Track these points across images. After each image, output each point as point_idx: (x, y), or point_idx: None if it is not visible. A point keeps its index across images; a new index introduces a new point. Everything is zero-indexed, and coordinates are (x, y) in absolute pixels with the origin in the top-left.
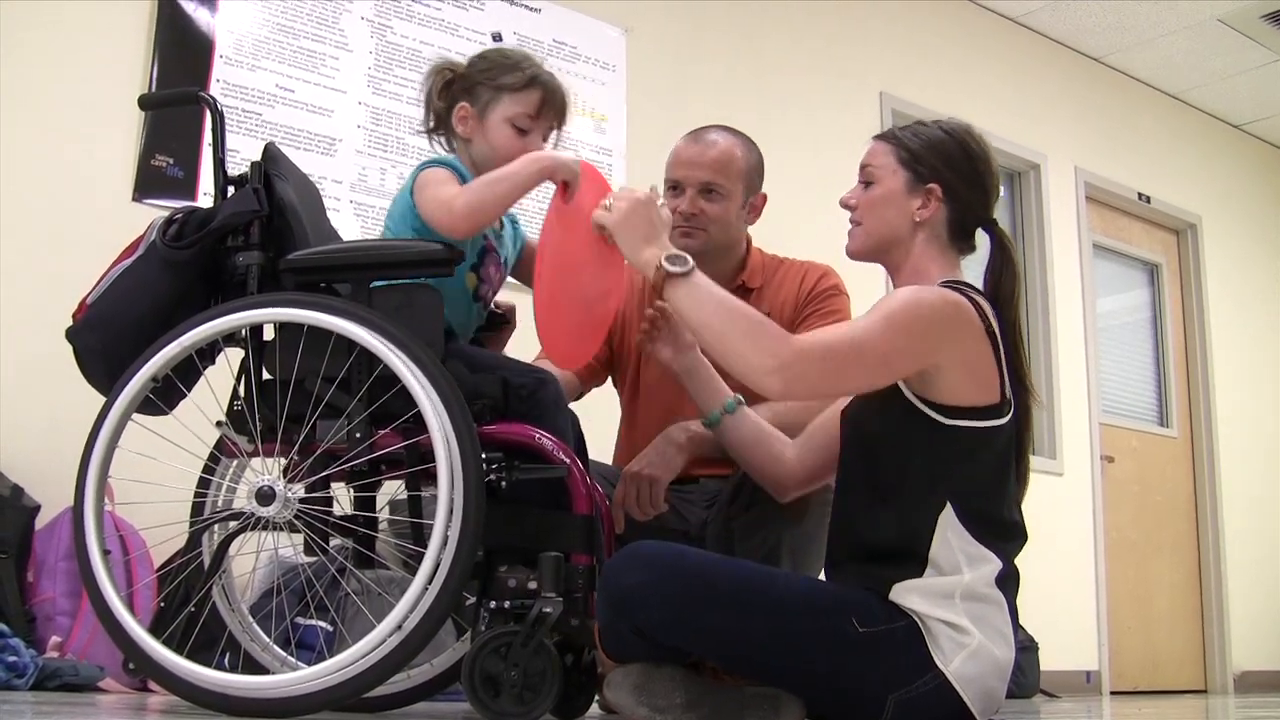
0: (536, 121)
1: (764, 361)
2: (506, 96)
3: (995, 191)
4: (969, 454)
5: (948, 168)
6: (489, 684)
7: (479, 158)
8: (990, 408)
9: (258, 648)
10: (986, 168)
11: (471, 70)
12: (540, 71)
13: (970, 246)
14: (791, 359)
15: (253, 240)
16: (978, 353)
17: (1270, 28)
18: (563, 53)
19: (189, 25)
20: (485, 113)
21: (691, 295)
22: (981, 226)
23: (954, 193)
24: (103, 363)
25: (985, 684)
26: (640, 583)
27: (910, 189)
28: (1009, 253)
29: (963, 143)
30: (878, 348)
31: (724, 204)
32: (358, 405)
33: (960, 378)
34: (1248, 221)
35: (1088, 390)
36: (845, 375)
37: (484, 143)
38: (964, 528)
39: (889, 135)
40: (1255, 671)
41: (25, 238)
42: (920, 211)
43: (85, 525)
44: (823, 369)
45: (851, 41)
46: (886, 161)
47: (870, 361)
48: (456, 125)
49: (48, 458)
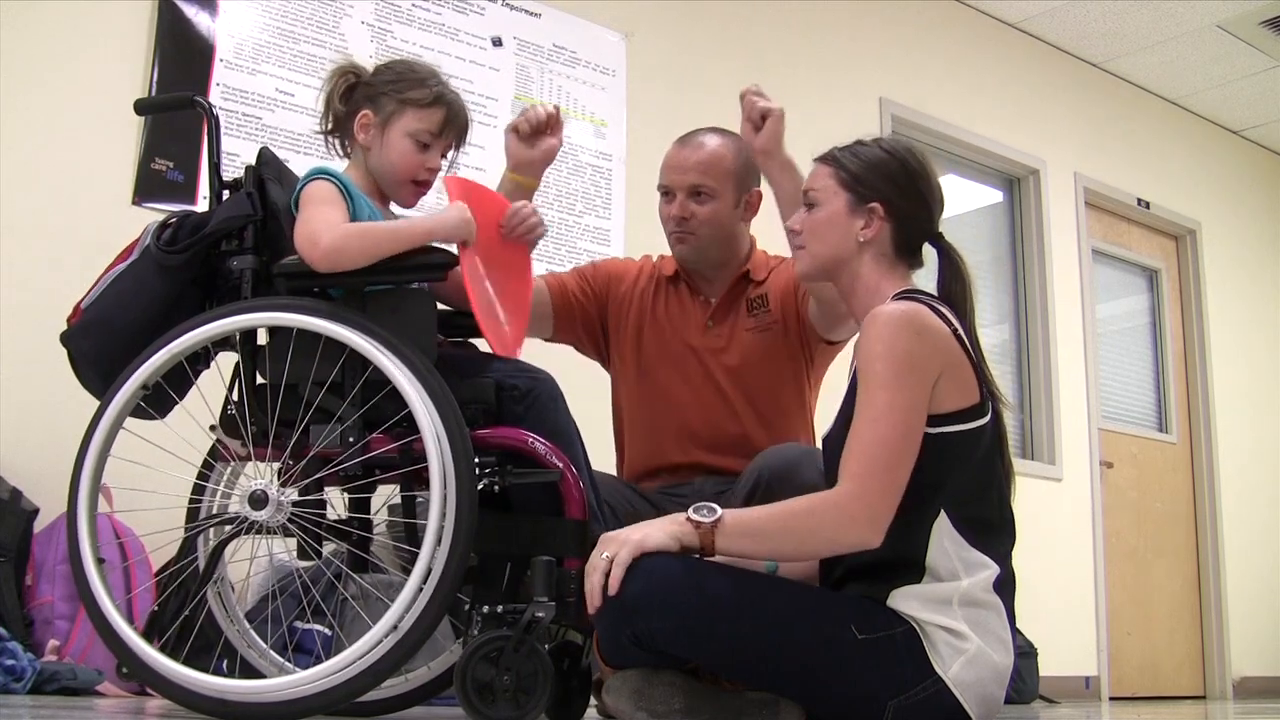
0: (437, 139)
1: (839, 526)
2: (410, 111)
3: (939, 206)
4: (957, 459)
5: (889, 186)
6: (482, 690)
7: (375, 166)
8: (972, 409)
9: (254, 653)
10: (927, 184)
11: (377, 79)
12: (446, 90)
13: (918, 262)
14: (854, 504)
15: (246, 245)
16: (954, 359)
17: (1269, 34)
18: (563, 57)
19: (189, 29)
20: (387, 124)
21: (739, 529)
22: (928, 241)
23: (897, 210)
24: (97, 367)
25: (984, 689)
26: (639, 591)
27: (852, 209)
28: (958, 265)
29: (903, 160)
30: (898, 423)
31: (714, 204)
32: (351, 409)
33: (945, 385)
34: (1247, 227)
35: (1087, 396)
36: (898, 467)
37: (382, 153)
38: (959, 535)
39: (829, 157)
40: (1254, 677)
41: (25, 241)
42: (864, 231)
43: (79, 531)
44: (883, 484)
45: (851, 47)
46: (828, 184)
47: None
48: (357, 132)
49: (47, 461)
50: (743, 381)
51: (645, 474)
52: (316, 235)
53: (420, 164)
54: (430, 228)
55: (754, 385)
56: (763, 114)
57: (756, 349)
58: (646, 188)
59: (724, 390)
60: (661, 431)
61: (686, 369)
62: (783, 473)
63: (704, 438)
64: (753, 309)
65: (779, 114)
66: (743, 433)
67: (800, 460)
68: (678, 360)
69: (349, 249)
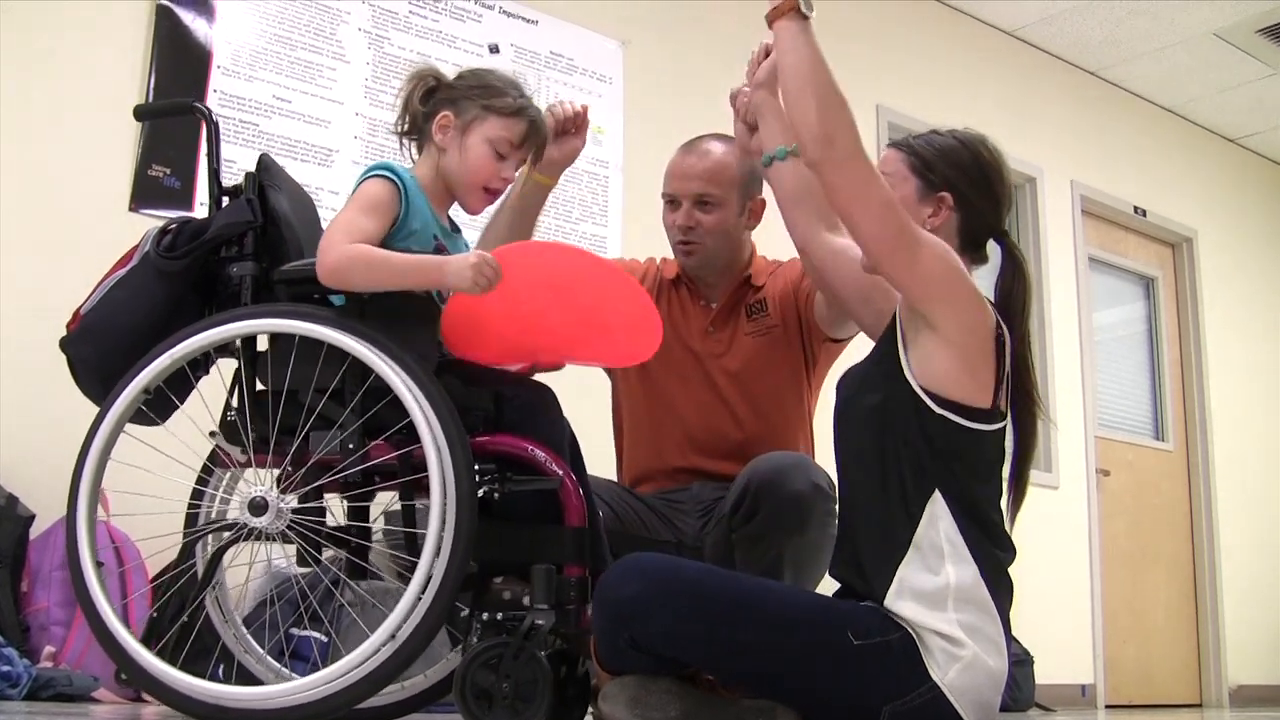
0: (515, 150)
1: (820, 127)
2: (494, 118)
3: (1007, 202)
4: (956, 452)
5: (959, 176)
6: (481, 697)
7: (448, 168)
8: (979, 411)
9: (251, 659)
10: (999, 176)
11: (461, 83)
12: (530, 103)
13: (982, 257)
14: (843, 140)
15: (246, 251)
16: (978, 346)
17: (1266, 42)
18: (560, 65)
19: (187, 36)
20: (468, 128)
21: (801, 36)
22: (993, 237)
23: (965, 201)
24: (96, 373)
25: (980, 695)
26: (636, 594)
27: (921, 196)
28: (1020, 265)
29: (975, 151)
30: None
31: (720, 213)
32: (351, 416)
33: (954, 364)
34: (1244, 235)
35: (1083, 403)
36: (868, 191)
37: (458, 156)
38: (953, 519)
39: (902, 143)
40: (1250, 686)
41: (23, 247)
42: (931, 219)
43: (78, 537)
44: (855, 170)
45: (848, 54)
46: (898, 169)
47: (889, 223)
48: (435, 133)
49: (43, 467)
50: (743, 385)
51: (644, 476)
52: (329, 247)
53: (495, 172)
54: (439, 277)
55: (754, 389)
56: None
57: (756, 353)
58: (644, 195)
59: (724, 394)
60: (661, 434)
61: (687, 372)
62: (771, 481)
63: (703, 441)
64: (752, 313)
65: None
66: (742, 436)
67: (790, 469)
68: (678, 363)
69: (352, 274)
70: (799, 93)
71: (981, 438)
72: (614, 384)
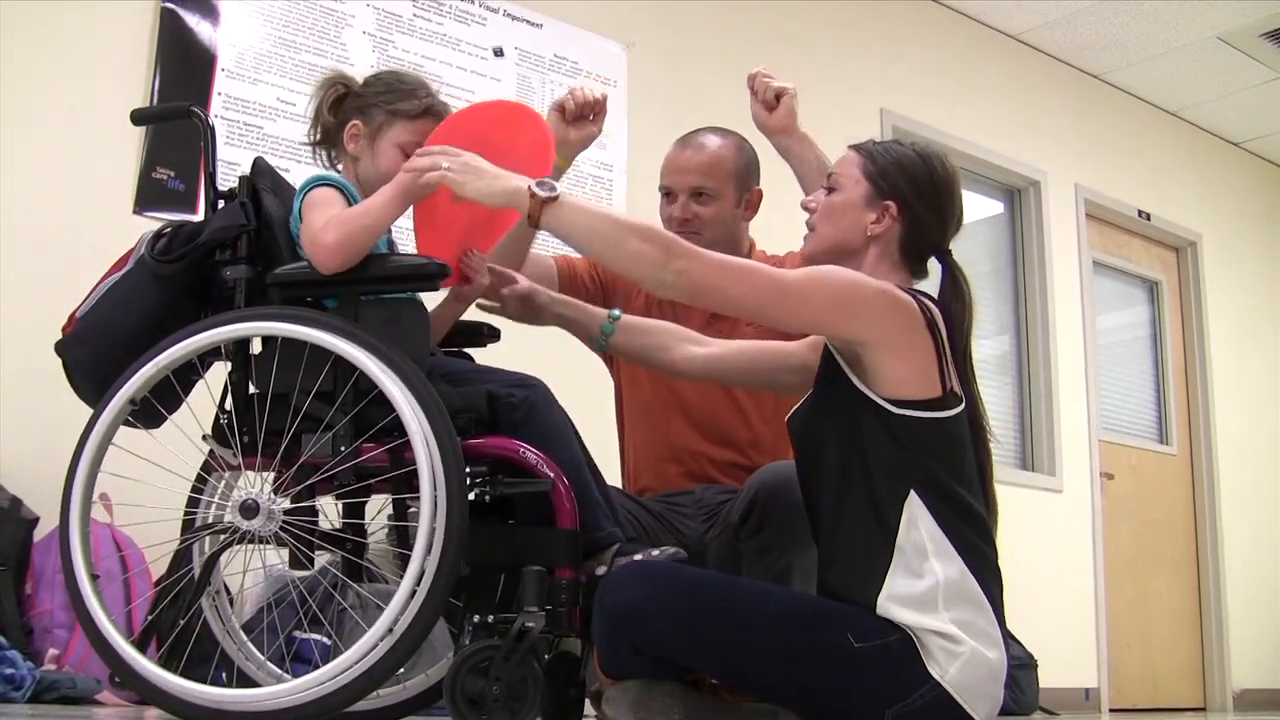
0: None
1: (653, 257)
2: (400, 122)
3: (954, 222)
4: (925, 445)
5: (909, 187)
6: (472, 702)
7: (364, 177)
8: (934, 401)
9: (251, 665)
10: (949, 195)
11: (367, 90)
12: (435, 102)
13: (923, 271)
14: (671, 247)
15: (240, 254)
16: (912, 341)
17: (1270, 46)
18: (564, 68)
19: (191, 38)
20: (377, 135)
21: (573, 212)
22: (935, 254)
23: (911, 212)
24: (91, 376)
25: (983, 689)
26: (638, 599)
27: (868, 201)
28: (960, 285)
29: (930, 166)
30: (776, 279)
31: (716, 205)
32: (340, 417)
33: (896, 365)
34: (1248, 239)
35: (1087, 407)
36: (722, 265)
37: (371, 163)
38: (931, 515)
39: (862, 147)
40: (1254, 690)
41: (26, 250)
42: (874, 225)
43: (72, 544)
44: (700, 258)
45: (852, 58)
46: (851, 171)
47: (761, 282)
48: (346, 142)
49: (47, 470)
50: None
51: (648, 464)
52: (317, 235)
53: None
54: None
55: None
56: (777, 93)
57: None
58: (648, 198)
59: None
60: (666, 416)
61: None
62: (780, 491)
63: (708, 426)
64: None
65: (792, 91)
66: (746, 426)
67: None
68: None
69: (355, 238)
70: (609, 254)
71: (942, 424)
72: (616, 375)
